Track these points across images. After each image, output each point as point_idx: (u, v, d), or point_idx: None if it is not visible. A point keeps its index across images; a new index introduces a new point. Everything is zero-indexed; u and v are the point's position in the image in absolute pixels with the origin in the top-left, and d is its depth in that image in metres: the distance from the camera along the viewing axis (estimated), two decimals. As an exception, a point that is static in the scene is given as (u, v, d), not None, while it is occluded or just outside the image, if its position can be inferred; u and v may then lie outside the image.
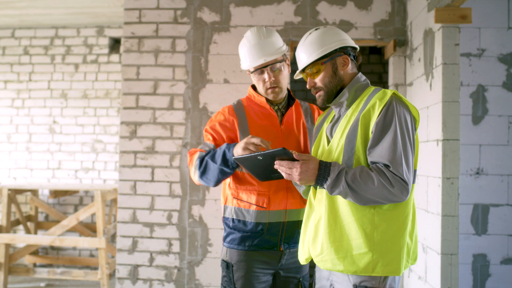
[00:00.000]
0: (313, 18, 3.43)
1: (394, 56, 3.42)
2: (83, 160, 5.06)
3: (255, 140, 1.75)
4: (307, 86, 1.73)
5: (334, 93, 1.69)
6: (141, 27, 3.52)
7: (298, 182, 1.58)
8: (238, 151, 1.80)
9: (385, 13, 3.41)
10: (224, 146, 1.86)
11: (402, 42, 3.37)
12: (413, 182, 1.60)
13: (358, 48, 1.75)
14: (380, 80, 5.36)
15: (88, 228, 4.87)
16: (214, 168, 1.87)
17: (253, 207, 1.91)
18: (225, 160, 1.85)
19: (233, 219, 1.97)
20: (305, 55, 1.70)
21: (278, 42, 1.96)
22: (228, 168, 1.85)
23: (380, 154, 1.53)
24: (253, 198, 1.92)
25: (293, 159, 1.57)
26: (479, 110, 3.11)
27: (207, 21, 3.49)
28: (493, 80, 3.12)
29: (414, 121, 1.61)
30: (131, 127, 3.51)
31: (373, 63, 5.36)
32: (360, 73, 1.73)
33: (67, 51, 5.09)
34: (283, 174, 1.60)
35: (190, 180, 3.45)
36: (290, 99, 2.07)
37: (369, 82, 1.73)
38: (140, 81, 3.52)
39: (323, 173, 1.54)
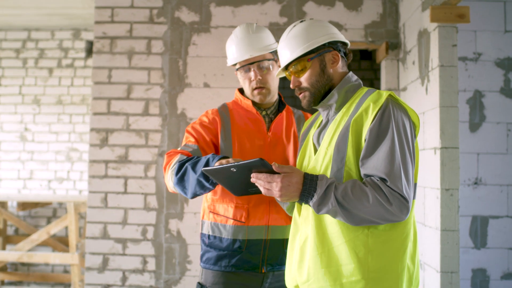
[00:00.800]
0: (300, 19, 3.28)
1: (387, 60, 3.32)
2: (57, 169, 4.94)
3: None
4: (291, 86, 1.53)
5: (321, 94, 1.50)
6: (113, 26, 3.38)
7: (279, 199, 1.38)
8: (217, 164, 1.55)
9: (376, 14, 3.32)
10: (209, 155, 1.64)
11: (394, 45, 3.26)
12: (414, 197, 1.41)
13: (349, 44, 1.54)
14: (372, 87, 5.21)
15: (62, 242, 4.71)
16: (193, 179, 1.63)
17: (230, 222, 1.75)
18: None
19: (209, 235, 1.81)
20: (288, 51, 1.51)
21: (268, 39, 1.83)
22: (208, 182, 1.60)
23: (375, 165, 1.34)
24: (230, 212, 1.76)
25: (273, 172, 1.35)
26: (476, 117, 3.05)
27: (185, 21, 3.36)
28: (491, 86, 3.08)
29: (414, 127, 1.43)
30: (102, 134, 3.34)
31: (364, 69, 5.26)
32: (351, 72, 1.55)
33: (40, 55, 4.98)
34: (261, 189, 1.39)
35: (167, 192, 3.28)
36: (280, 105, 1.91)
37: (362, 83, 1.53)
38: (112, 84, 3.36)
39: (308, 188, 1.34)
